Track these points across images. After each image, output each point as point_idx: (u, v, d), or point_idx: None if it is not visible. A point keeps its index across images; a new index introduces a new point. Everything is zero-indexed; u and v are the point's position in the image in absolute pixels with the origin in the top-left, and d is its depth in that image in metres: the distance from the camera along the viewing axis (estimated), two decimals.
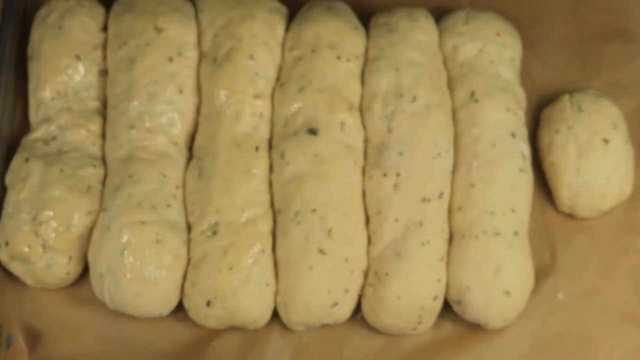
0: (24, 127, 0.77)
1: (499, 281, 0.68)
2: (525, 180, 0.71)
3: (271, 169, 0.72)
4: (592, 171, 0.71)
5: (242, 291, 0.68)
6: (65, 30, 0.75)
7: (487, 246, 0.68)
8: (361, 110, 0.74)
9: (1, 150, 0.75)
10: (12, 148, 0.75)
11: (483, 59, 0.74)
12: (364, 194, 0.72)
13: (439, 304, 0.69)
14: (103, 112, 0.75)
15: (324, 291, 0.68)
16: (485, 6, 0.79)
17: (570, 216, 0.74)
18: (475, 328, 0.70)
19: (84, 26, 0.76)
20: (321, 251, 0.68)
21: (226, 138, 0.72)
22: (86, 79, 0.75)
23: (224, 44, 0.74)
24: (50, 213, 0.70)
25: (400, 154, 0.70)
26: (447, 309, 0.70)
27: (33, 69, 0.76)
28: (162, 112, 0.73)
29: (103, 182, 0.73)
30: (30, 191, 0.71)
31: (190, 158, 0.74)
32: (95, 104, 0.76)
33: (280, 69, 0.76)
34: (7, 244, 0.70)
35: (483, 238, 0.68)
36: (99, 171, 0.73)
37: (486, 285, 0.68)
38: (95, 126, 0.75)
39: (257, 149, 0.72)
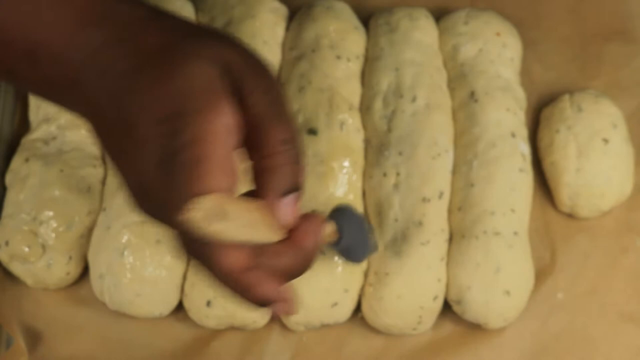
0: (24, 127, 0.77)
1: (499, 281, 0.68)
2: (525, 180, 0.71)
3: None
4: (592, 171, 0.71)
5: None
6: None
7: (487, 246, 0.68)
8: (361, 110, 0.74)
9: (1, 150, 0.75)
10: (12, 148, 0.75)
11: (483, 59, 0.74)
12: (364, 194, 0.72)
13: (439, 304, 0.69)
14: None
15: (323, 291, 0.68)
16: (485, 6, 0.79)
17: (570, 216, 0.74)
18: (475, 328, 0.70)
19: None
20: (321, 251, 0.68)
21: None
22: None
23: None
24: (50, 213, 0.70)
25: (400, 153, 0.70)
26: (447, 309, 0.70)
27: None
28: None
29: (103, 182, 0.73)
30: (30, 191, 0.71)
31: None
32: None
33: (280, 69, 0.76)
34: (7, 244, 0.70)
35: (483, 238, 0.68)
36: (99, 171, 0.73)
37: (486, 285, 0.68)
38: None
39: None
